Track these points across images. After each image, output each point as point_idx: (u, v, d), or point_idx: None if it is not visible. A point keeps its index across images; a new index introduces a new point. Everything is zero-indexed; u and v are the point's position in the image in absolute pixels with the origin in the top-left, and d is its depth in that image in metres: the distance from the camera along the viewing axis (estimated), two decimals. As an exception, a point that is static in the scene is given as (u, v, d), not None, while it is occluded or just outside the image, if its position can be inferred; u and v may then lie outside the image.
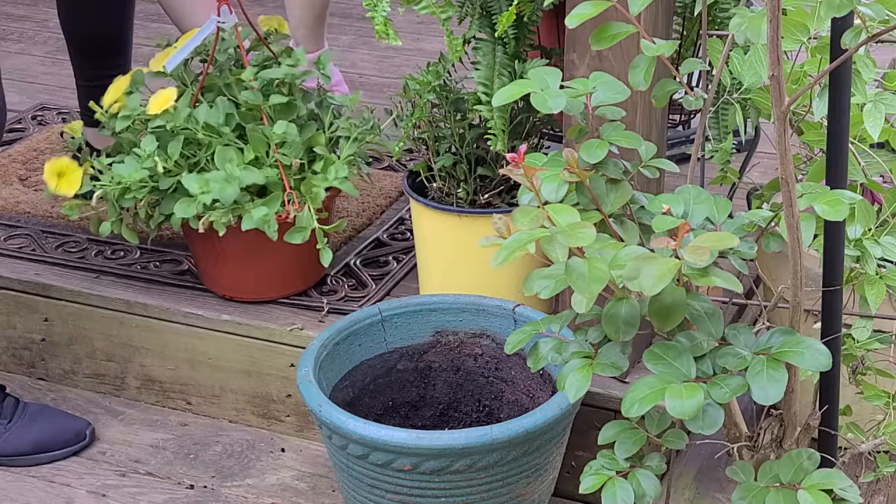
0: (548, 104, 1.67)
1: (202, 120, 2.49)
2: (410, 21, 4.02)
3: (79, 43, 3.04)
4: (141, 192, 2.48)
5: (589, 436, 2.18)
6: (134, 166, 2.48)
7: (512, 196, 2.50)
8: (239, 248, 2.55)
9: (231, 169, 2.45)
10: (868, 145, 2.12)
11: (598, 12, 1.63)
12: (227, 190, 2.43)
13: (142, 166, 2.47)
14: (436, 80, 2.43)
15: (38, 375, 2.84)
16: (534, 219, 1.54)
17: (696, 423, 1.54)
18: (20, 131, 3.46)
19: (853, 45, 1.54)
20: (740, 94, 2.24)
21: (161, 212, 2.51)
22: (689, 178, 1.82)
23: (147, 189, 2.48)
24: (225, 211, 2.44)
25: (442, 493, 2.09)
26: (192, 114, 2.49)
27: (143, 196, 2.48)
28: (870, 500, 2.22)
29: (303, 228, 2.47)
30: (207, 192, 2.43)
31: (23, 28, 4.41)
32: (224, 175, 2.45)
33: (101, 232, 2.56)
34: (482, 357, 2.40)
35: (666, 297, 1.55)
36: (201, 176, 2.45)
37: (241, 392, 2.67)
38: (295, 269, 2.64)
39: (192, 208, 2.45)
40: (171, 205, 2.49)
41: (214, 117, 2.49)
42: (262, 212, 2.44)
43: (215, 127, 2.49)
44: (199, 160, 2.50)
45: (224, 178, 2.45)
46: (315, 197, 2.49)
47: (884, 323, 2.06)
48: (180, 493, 2.50)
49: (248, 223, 2.44)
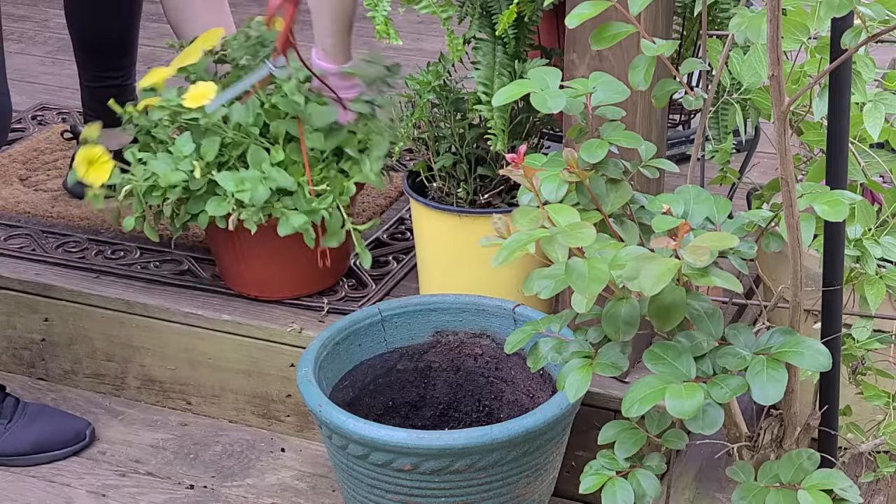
0: (548, 104, 1.67)
1: (234, 120, 2.49)
2: (410, 21, 4.02)
3: (84, 43, 3.04)
4: (173, 191, 2.47)
5: (589, 436, 2.18)
6: (169, 165, 2.47)
7: (512, 196, 2.50)
8: (264, 247, 2.55)
9: (267, 169, 2.46)
10: (868, 145, 2.11)
11: (598, 12, 1.63)
12: (260, 189, 2.44)
13: (177, 167, 2.47)
14: (436, 80, 2.43)
15: (38, 375, 2.84)
16: (534, 219, 1.54)
17: (696, 423, 1.54)
18: (20, 131, 3.46)
19: (853, 45, 1.54)
20: (740, 94, 2.24)
21: (188, 210, 2.51)
22: (689, 178, 1.82)
23: (178, 190, 2.47)
24: (256, 210, 2.45)
25: (442, 493, 2.09)
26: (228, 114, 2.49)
27: (172, 197, 2.48)
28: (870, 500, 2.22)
29: (337, 231, 2.50)
30: (244, 190, 2.44)
31: (23, 28, 4.41)
32: (259, 175, 2.46)
33: (125, 227, 2.55)
34: (482, 357, 2.40)
35: (666, 297, 1.55)
36: (237, 174, 2.46)
37: (241, 392, 2.67)
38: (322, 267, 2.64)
39: (226, 206, 2.45)
40: (198, 204, 2.49)
41: (245, 117, 2.50)
42: (301, 219, 2.46)
43: (244, 126, 2.50)
44: (227, 159, 2.50)
45: (259, 178, 2.45)
46: (346, 191, 2.51)
47: (884, 323, 2.06)
48: (180, 493, 2.50)
49: (285, 228, 2.46)
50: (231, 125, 2.49)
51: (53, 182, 3.16)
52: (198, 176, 2.46)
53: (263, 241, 2.51)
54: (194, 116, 2.50)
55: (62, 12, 3.11)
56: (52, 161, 3.27)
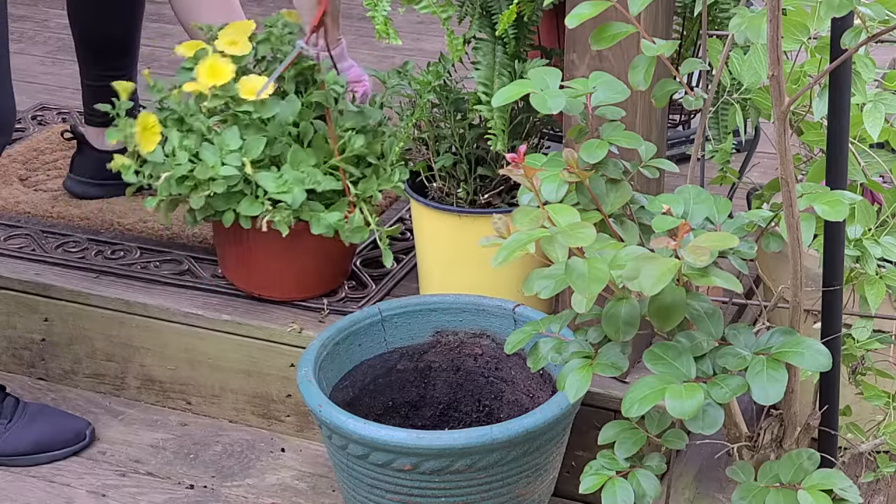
0: (547, 104, 1.67)
1: (278, 118, 2.48)
2: (410, 21, 4.02)
3: (86, 42, 3.04)
4: (214, 184, 2.44)
5: (589, 436, 2.18)
6: (218, 157, 2.45)
7: (512, 196, 2.50)
8: (276, 248, 2.55)
9: (309, 171, 2.46)
10: (868, 145, 2.11)
11: (598, 12, 1.63)
12: (296, 191, 2.44)
13: (224, 160, 2.45)
14: (436, 80, 2.43)
15: (38, 375, 2.84)
16: (534, 219, 1.54)
17: (696, 423, 1.54)
18: (20, 131, 3.46)
19: (853, 45, 1.54)
20: (740, 94, 2.24)
21: (214, 206, 2.48)
22: (689, 178, 1.82)
23: (219, 184, 2.43)
24: (290, 212, 2.45)
25: (442, 493, 2.09)
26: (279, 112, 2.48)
27: (213, 190, 2.44)
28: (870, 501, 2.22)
29: (362, 228, 2.49)
30: (285, 192, 2.43)
31: (23, 28, 4.41)
32: (301, 177, 2.45)
33: (146, 205, 2.53)
34: (482, 357, 2.40)
35: (666, 297, 1.55)
36: (276, 175, 2.45)
37: (241, 392, 2.67)
38: (327, 269, 2.65)
39: (260, 206, 2.45)
40: (228, 201, 2.46)
41: (287, 115, 2.49)
42: (335, 216, 2.46)
43: (282, 126, 2.49)
44: (263, 158, 2.49)
45: (300, 180, 2.45)
46: (373, 199, 2.52)
47: (884, 323, 2.06)
48: (180, 493, 2.50)
49: (318, 228, 2.46)
50: (273, 123, 2.48)
51: (53, 182, 3.16)
52: (249, 172, 2.44)
53: (273, 241, 2.51)
54: (247, 109, 2.48)
55: (62, 12, 3.11)
56: (52, 161, 3.27)
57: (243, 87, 2.49)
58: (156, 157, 2.49)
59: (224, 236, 2.63)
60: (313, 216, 2.46)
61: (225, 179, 2.44)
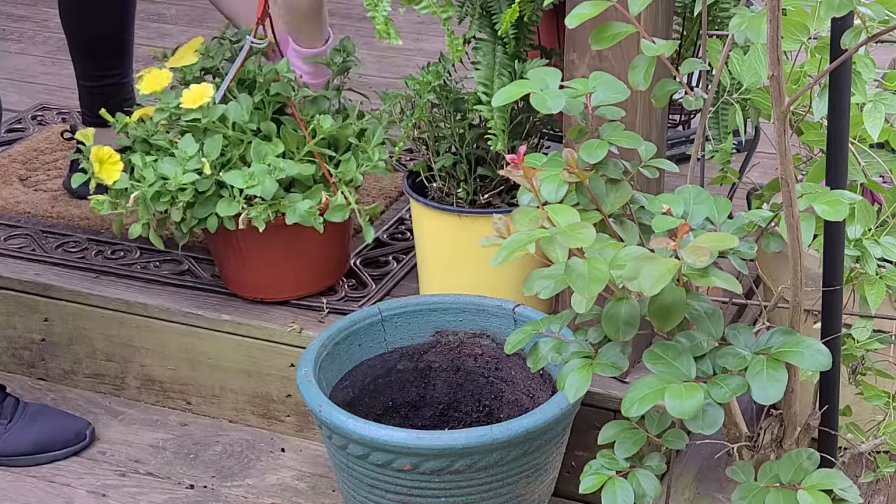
0: (547, 104, 1.67)
1: (231, 118, 2.49)
2: (411, 21, 4.02)
3: (78, 42, 3.04)
4: (183, 194, 2.45)
5: (589, 436, 2.18)
6: (177, 167, 2.46)
7: (512, 196, 2.50)
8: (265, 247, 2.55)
9: (273, 161, 2.46)
10: (868, 145, 2.11)
11: (598, 12, 1.63)
12: (267, 183, 2.44)
13: (185, 168, 2.46)
14: (436, 80, 2.43)
15: (38, 375, 2.84)
16: (533, 219, 1.54)
17: (696, 423, 1.54)
18: (20, 131, 3.46)
19: (853, 45, 1.54)
20: (740, 94, 2.24)
21: (195, 215, 2.49)
22: (689, 178, 1.82)
23: (188, 192, 2.45)
24: (265, 206, 2.45)
25: (442, 493, 2.09)
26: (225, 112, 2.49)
27: (183, 199, 2.46)
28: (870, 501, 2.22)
29: (342, 207, 2.49)
30: (254, 185, 2.43)
31: (23, 28, 4.41)
32: (266, 168, 2.46)
33: (131, 234, 2.52)
34: (482, 357, 2.40)
35: (666, 297, 1.55)
36: (243, 171, 2.46)
37: (241, 392, 2.67)
38: (324, 265, 2.65)
39: (236, 206, 2.45)
40: (206, 207, 2.48)
41: (240, 115, 2.50)
42: (306, 205, 2.46)
43: (240, 124, 2.50)
44: (230, 158, 2.50)
45: (267, 171, 2.45)
46: (354, 181, 2.52)
47: (884, 323, 2.06)
48: (180, 493, 2.50)
49: (292, 217, 2.46)
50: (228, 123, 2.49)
51: (53, 182, 3.16)
52: (207, 172, 2.45)
53: (264, 241, 2.51)
54: (195, 117, 2.50)
55: (62, 12, 3.11)
56: (52, 161, 3.27)
57: (186, 97, 2.51)
58: (122, 185, 2.51)
59: (217, 245, 2.64)
60: (282, 207, 2.47)
61: (192, 185, 2.45)
